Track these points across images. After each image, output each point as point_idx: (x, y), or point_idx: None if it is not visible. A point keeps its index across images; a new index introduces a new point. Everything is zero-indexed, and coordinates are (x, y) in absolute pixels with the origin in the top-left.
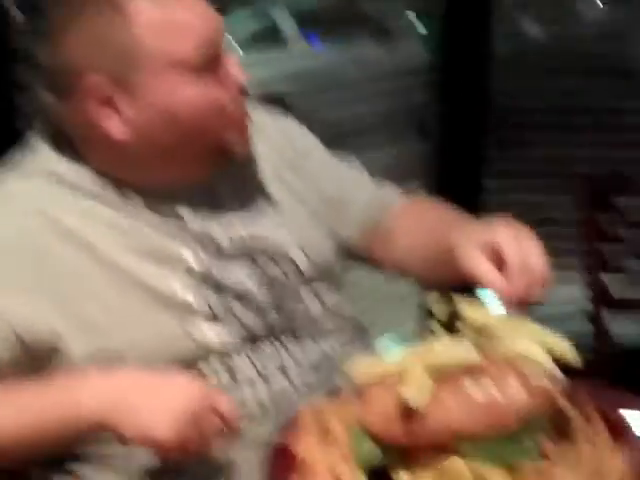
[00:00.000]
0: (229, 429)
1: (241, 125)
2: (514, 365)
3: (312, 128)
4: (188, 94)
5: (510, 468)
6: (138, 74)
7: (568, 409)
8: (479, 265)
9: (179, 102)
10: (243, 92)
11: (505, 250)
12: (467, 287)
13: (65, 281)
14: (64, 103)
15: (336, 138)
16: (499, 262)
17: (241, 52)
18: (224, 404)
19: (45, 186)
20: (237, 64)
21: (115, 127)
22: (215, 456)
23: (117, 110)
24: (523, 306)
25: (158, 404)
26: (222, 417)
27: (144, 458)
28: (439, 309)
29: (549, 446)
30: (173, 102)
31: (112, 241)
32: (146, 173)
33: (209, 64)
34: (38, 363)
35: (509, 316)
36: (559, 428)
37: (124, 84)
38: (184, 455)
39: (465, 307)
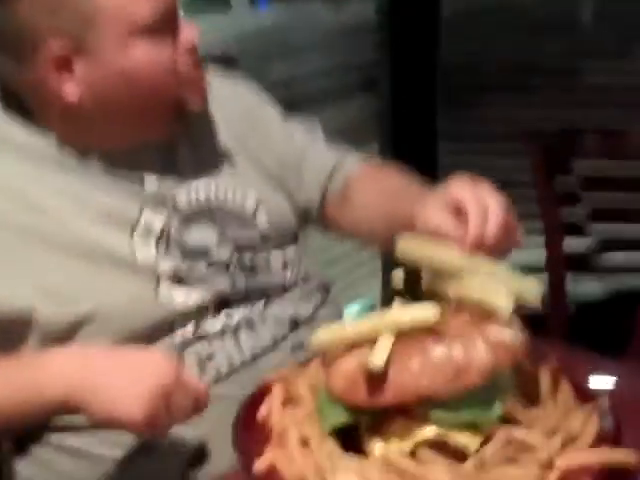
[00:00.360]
0: (197, 404)
1: (196, 83)
2: (478, 323)
3: (261, 89)
4: (143, 55)
5: (477, 431)
6: (94, 35)
7: (534, 369)
8: (439, 219)
9: (134, 62)
10: (196, 52)
11: (465, 202)
12: None
13: (26, 250)
14: (19, 66)
15: (286, 99)
16: (461, 218)
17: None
18: (192, 379)
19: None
20: (190, 24)
21: (70, 89)
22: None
23: (72, 71)
24: (487, 252)
25: (126, 383)
26: (190, 392)
27: (113, 441)
28: (404, 267)
29: (516, 407)
30: (128, 62)
31: (69, 207)
32: (103, 135)
33: (164, 25)
34: (7, 337)
35: (474, 258)
36: (525, 389)
37: (80, 45)
38: (153, 433)
39: (432, 248)
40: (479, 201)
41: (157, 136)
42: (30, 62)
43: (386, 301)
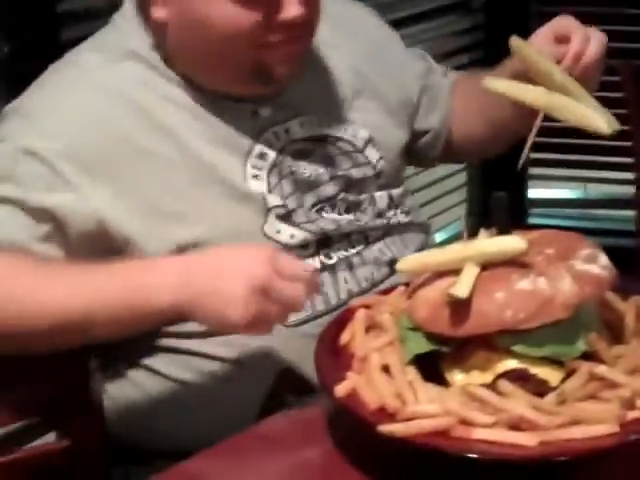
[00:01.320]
0: (309, 288)
1: (286, 57)
2: (564, 256)
3: None
4: (221, 13)
5: (560, 366)
6: None
7: (619, 305)
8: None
9: (211, 17)
10: (294, 29)
11: (569, 28)
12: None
13: (142, 169)
14: None
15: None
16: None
17: None
18: (294, 265)
19: (126, 65)
20: (299, 3)
21: (157, 12)
22: (272, 348)
23: None
24: (583, 72)
25: (223, 286)
26: (294, 278)
27: (208, 349)
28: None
29: (600, 343)
30: (205, 15)
31: (192, 128)
32: (193, 73)
33: None
34: (111, 253)
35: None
36: (610, 325)
37: None
38: (259, 330)
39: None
40: (583, 30)
41: (241, 92)
42: None
43: (472, 231)
